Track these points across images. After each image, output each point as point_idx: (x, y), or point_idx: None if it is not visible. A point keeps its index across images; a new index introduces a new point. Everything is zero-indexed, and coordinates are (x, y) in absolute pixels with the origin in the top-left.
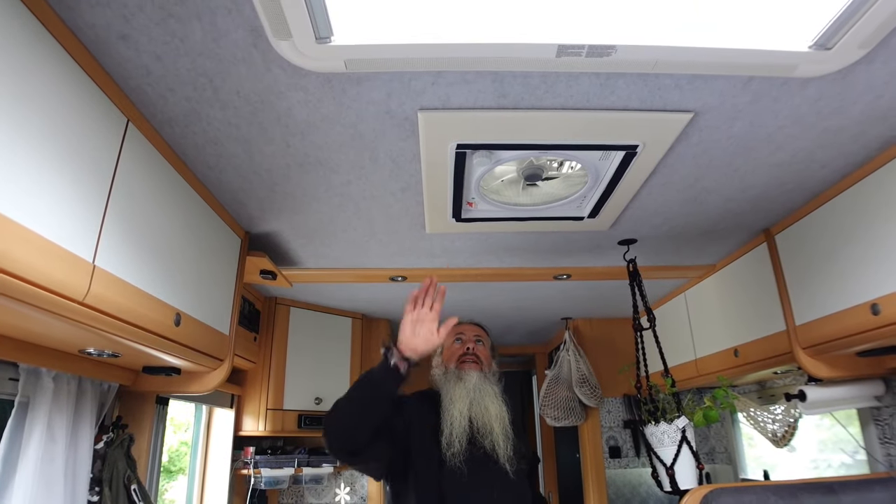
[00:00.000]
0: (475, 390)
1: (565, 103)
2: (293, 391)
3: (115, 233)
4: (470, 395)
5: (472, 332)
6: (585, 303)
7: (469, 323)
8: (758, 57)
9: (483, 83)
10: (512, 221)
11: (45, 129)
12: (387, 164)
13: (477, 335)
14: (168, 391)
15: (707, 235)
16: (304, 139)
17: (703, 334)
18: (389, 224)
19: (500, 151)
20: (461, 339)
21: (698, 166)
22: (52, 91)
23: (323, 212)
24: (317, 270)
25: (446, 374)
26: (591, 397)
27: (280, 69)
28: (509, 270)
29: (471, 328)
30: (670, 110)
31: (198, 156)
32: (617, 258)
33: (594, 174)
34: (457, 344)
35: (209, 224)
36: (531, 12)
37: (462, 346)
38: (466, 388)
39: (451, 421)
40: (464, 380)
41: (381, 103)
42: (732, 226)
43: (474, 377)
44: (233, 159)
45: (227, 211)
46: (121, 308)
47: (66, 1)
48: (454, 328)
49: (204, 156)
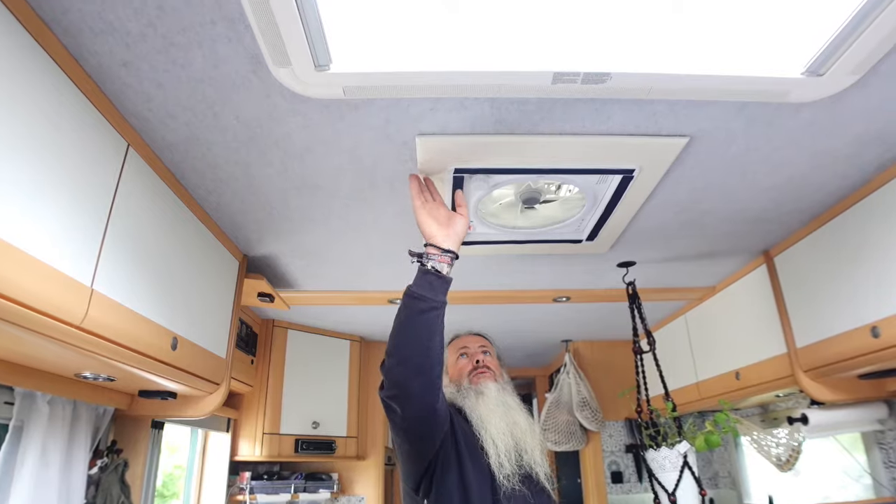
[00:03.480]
0: (501, 405)
1: (562, 128)
2: (290, 415)
3: (113, 256)
4: (498, 412)
5: (476, 344)
6: (585, 325)
7: (470, 334)
8: (751, 83)
9: (480, 109)
10: (510, 244)
11: (45, 153)
12: (385, 188)
13: (482, 346)
14: (164, 415)
15: (706, 257)
16: (303, 163)
17: (704, 357)
18: (388, 247)
19: (498, 175)
20: (466, 353)
21: (695, 189)
22: (53, 116)
23: (321, 234)
24: (314, 293)
25: (461, 391)
26: (593, 421)
27: (279, 96)
28: (508, 293)
29: (473, 339)
30: (666, 135)
31: (197, 180)
32: (616, 280)
33: (592, 197)
34: (462, 360)
35: (207, 247)
36: (527, 40)
37: (469, 361)
38: (491, 404)
39: (493, 440)
40: (484, 394)
41: (380, 129)
42: (731, 248)
43: (493, 389)
44: (232, 183)
45: (226, 234)
46: (118, 332)
47: (71, 29)
48: (457, 342)
49: (203, 180)
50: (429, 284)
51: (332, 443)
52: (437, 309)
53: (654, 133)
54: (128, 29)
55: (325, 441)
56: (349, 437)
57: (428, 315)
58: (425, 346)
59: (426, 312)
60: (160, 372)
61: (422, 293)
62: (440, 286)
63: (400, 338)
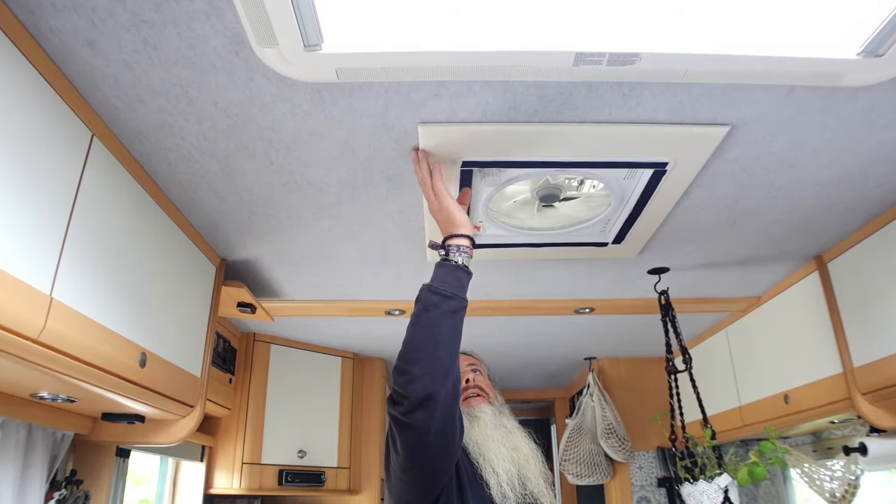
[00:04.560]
0: (498, 428)
1: (584, 116)
2: (273, 442)
3: (75, 261)
4: (496, 436)
5: (463, 363)
6: (611, 340)
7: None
8: (800, 65)
9: (492, 94)
10: (526, 248)
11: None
12: (382, 184)
13: (471, 364)
14: (130, 442)
15: (750, 263)
16: (290, 155)
17: (749, 377)
18: (385, 251)
19: (512, 169)
20: None
21: (737, 186)
22: (5, 101)
23: (310, 236)
24: (302, 303)
25: None
26: (620, 451)
27: (264, 79)
28: (523, 303)
29: (461, 358)
30: (703, 124)
31: (170, 174)
32: (647, 289)
33: (619, 195)
34: None
35: (181, 250)
36: (545, 15)
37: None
38: (488, 429)
39: (493, 468)
40: (479, 418)
41: (377, 116)
42: (778, 252)
43: (488, 413)
44: (209, 178)
45: (202, 236)
46: (80, 347)
47: (29, 3)
48: None
49: (176, 174)
50: (458, 281)
51: (320, 474)
52: (465, 309)
53: (689, 121)
54: (94, 4)
55: (313, 472)
56: (340, 468)
57: (458, 315)
58: (454, 349)
59: (458, 312)
60: (126, 392)
61: (454, 292)
62: (468, 283)
63: (428, 344)
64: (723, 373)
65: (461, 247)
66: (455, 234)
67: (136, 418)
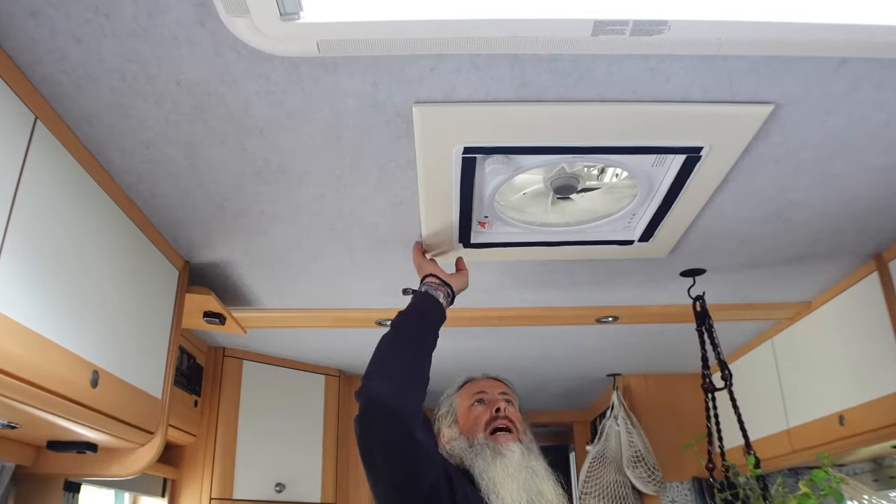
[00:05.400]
0: (524, 470)
1: (605, 94)
2: (246, 475)
3: (15, 265)
4: (519, 478)
5: (496, 390)
6: (639, 354)
7: (487, 378)
8: (853, 33)
9: (498, 69)
10: (538, 247)
11: None
12: (372, 174)
13: (503, 393)
14: (80, 474)
15: (799, 263)
16: (264, 141)
17: (798, 396)
18: (376, 251)
19: (521, 156)
20: (483, 399)
21: (783, 173)
22: None
23: (288, 234)
24: (279, 312)
25: (473, 447)
26: (649, 482)
27: (234, 53)
28: (536, 311)
29: (493, 384)
30: (743, 102)
31: (125, 163)
32: (680, 294)
33: (646, 185)
34: (478, 407)
35: (138, 251)
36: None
37: (487, 409)
38: (511, 468)
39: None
40: (505, 456)
41: (365, 95)
42: (831, 250)
43: (516, 453)
44: (171, 167)
45: (162, 235)
46: (20, 363)
47: None
48: (471, 386)
49: (133, 163)
50: (419, 313)
51: None
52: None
53: (727, 100)
54: None
55: None
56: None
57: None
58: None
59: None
60: (75, 416)
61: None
62: (436, 316)
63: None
64: (768, 390)
65: (427, 283)
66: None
67: (87, 447)
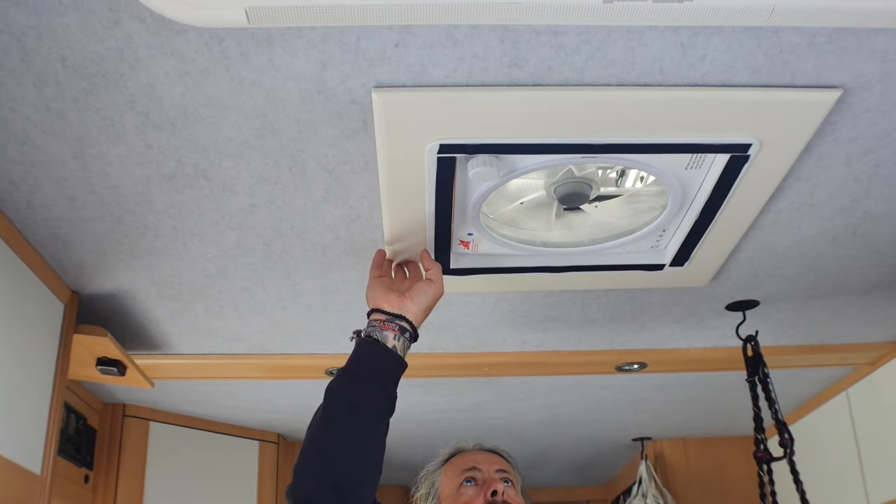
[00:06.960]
0: None
1: (623, 76)
2: None
3: None
4: None
5: (491, 466)
6: (673, 412)
7: (480, 449)
8: None
9: (483, 44)
10: (540, 273)
11: None
12: (319, 179)
13: (501, 470)
14: None
15: (881, 292)
16: (177, 136)
17: (881, 464)
18: (325, 279)
19: (515, 156)
20: (474, 478)
21: (857, 177)
22: None
23: (209, 258)
24: (197, 359)
25: None
26: None
27: (137, 22)
28: (539, 357)
29: (487, 458)
30: (802, 87)
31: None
32: (725, 334)
33: (679, 193)
34: (468, 488)
35: (11, 279)
36: None
37: (481, 492)
38: None
39: None
40: None
41: (309, 78)
42: None
43: None
44: (54, 169)
45: (43, 257)
46: None
47: None
48: (460, 460)
49: (4, 164)
50: (355, 371)
51: None
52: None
53: (781, 84)
54: None
55: None
56: None
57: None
58: (362, 441)
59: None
60: None
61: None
62: (386, 368)
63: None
64: (842, 457)
65: (371, 321)
66: (371, 311)
67: None
